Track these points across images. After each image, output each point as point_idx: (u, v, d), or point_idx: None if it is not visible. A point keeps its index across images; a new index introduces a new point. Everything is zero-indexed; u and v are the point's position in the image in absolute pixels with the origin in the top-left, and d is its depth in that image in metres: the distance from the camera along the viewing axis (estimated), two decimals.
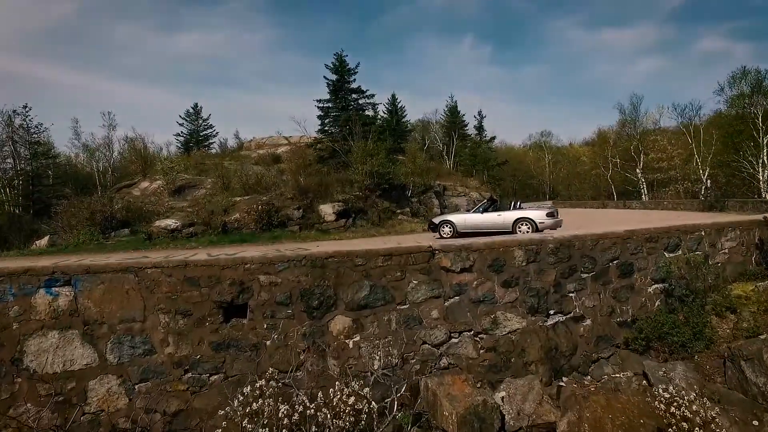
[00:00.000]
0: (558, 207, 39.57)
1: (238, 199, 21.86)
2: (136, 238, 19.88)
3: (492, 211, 14.39)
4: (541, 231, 13.37)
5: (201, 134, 42.88)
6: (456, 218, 14.44)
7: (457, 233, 14.40)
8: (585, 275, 7.89)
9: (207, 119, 43.30)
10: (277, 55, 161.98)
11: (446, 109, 42.42)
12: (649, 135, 34.25)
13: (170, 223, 19.71)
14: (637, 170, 34.38)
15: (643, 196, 34.47)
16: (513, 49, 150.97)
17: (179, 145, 42.37)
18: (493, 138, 44.20)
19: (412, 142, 38.77)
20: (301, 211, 20.50)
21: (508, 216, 13.62)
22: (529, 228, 13.29)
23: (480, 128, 42.57)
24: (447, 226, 14.48)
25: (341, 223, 20.37)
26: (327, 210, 20.39)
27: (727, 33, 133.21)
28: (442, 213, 24.00)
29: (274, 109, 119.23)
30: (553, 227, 13.61)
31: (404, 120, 40.80)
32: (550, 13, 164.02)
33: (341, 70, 26.93)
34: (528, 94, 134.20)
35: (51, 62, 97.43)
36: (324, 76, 27.27)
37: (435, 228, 14.81)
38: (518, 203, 14.26)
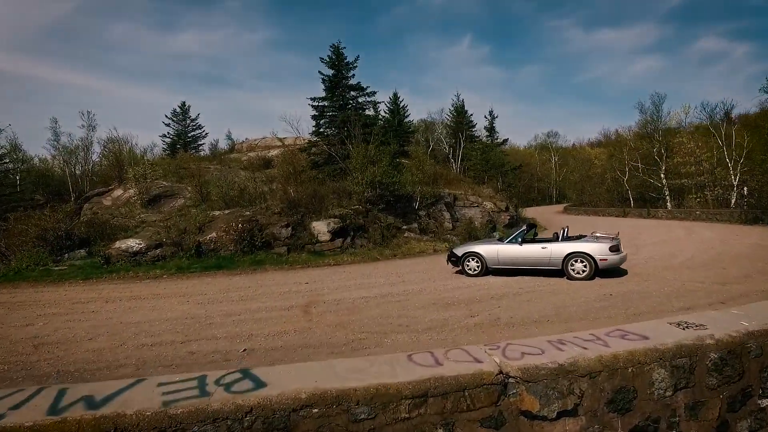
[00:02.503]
0: (572, 215, 35.91)
1: (216, 213, 18.24)
2: (92, 261, 16.28)
3: (533, 241, 10.85)
4: (601, 270, 9.87)
5: (189, 135, 39.20)
6: (485, 250, 10.87)
7: (488, 269, 10.86)
8: (766, 401, 4.39)
9: (195, 119, 39.66)
10: (275, 55, 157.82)
11: (452, 109, 38.69)
12: (673, 136, 30.72)
13: (132, 244, 16.09)
14: (661, 175, 30.84)
15: (667, 204, 30.97)
16: (512, 49, 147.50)
17: (165, 147, 38.74)
18: (506, 140, 40.30)
19: (416, 144, 35.17)
20: (290, 229, 16.91)
21: (557, 249, 10.08)
22: (585, 266, 9.77)
23: (491, 130, 38.53)
24: (473, 259, 10.93)
25: (337, 244, 16.81)
26: (321, 228, 16.81)
27: (724, 33, 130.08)
28: (453, 228, 20.46)
29: (274, 109, 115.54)
30: (618, 265, 10.11)
31: (407, 121, 37.22)
32: (549, 13, 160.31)
33: (338, 63, 23.27)
34: (527, 94, 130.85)
35: (40, 60, 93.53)
36: (319, 71, 23.61)
37: (457, 261, 11.25)
38: (565, 230, 10.71)
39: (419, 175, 19.23)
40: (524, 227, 10.85)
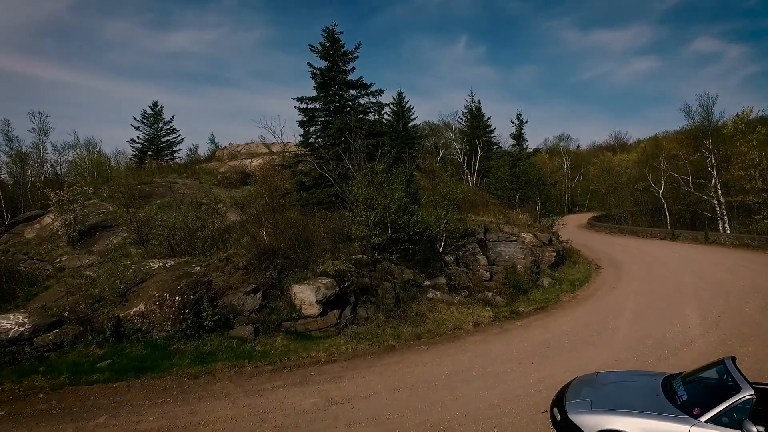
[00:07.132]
0: (602, 233, 29.43)
1: (154, 265, 12.07)
2: None
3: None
4: None
5: (162, 140, 32.74)
6: None
7: None
8: None
9: (170, 122, 33.13)
10: (271, 55, 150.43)
11: (466, 111, 32.39)
12: (733, 145, 24.93)
13: (10, 326, 9.83)
14: (719, 190, 25.03)
15: (725, 226, 25.16)
16: (508, 49, 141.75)
17: (135, 153, 32.28)
18: (537, 150, 33.85)
19: (424, 153, 29.02)
20: (259, 295, 10.85)
21: None
22: None
23: (519, 137, 30.92)
24: None
25: (331, 319, 10.76)
26: (306, 295, 10.73)
27: (720, 34, 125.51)
28: (491, 277, 14.43)
29: (270, 110, 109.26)
30: None
31: (412, 125, 31.05)
32: (545, 13, 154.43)
33: (334, 53, 17.04)
34: (523, 94, 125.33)
35: (31, 58, 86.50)
36: (308, 63, 17.35)
37: None
38: None
39: (447, 205, 13.16)
40: (748, 390, 4.69)
